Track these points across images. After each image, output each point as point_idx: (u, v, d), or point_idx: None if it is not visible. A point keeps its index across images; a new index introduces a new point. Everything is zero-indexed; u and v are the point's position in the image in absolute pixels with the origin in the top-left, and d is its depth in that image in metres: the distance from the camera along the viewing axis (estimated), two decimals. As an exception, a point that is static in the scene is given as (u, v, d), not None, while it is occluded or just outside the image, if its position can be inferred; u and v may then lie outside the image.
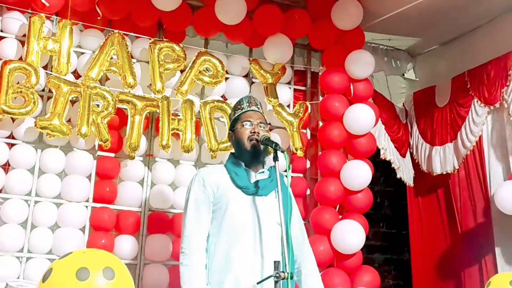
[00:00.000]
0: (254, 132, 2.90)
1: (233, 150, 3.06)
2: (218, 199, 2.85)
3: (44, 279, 1.78)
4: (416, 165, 5.47)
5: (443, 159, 5.15)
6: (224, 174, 2.92)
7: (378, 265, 6.03)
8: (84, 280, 1.73)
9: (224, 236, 2.80)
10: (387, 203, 6.39)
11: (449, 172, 5.10)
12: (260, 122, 2.95)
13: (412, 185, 5.45)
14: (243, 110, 3.00)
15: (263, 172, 2.92)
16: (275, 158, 2.76)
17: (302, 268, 2.96)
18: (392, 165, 5.23)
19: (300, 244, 2.99)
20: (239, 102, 3.06)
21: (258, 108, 3.02)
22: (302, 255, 2.99)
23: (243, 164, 2.93)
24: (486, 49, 4.83)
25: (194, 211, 2.84)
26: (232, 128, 3.02)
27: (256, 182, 2.87)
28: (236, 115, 3.02)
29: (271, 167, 2.96)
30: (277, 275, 2.50)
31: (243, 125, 2.94)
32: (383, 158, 5.16)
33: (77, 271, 1.74)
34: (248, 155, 2.91)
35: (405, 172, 5.38)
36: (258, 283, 2.67)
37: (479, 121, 4.79)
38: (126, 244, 4.03)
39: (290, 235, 2.66)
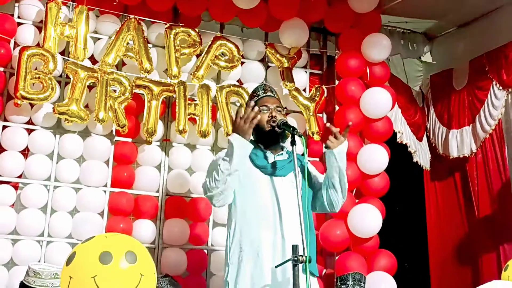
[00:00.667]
0: (272, 116, 2.92)
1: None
2: (240, 178, 2.85)
3: (68, 262, 1.80)
4: (433, 148, 5.45)
5: (460, 143, 5.12)
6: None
7: (393, 248, 6.02)
8: (107, 263, 1.75)
9: (244, 216, 2.83)
10: (403, 187, 6.35)
11: (466, 155, 5.07)
12: (277, 106, 2.97)
13: (428, 169, 5.43)
14: (259, 97, 3.03)
15: (281, 154, 2.93)
16: (293, 142, 2.78)
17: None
18: (409, 149, 5.20)
19: None
20: (254, 91, 3.09)
21: (274, 94, 3.04)
22: None
23: (262, 146, 2.95)
24: (505, 31, 4.76)
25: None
26: None
27: (274, 162, 2.89)
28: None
29: (290, 150, 2.97)
30: (295, 258, 2.51)
31: (260, 111, 2.94)
32: (400, 142, 5.14)
33: (100, 254, 1.76)
34: (266, 138, 2.93)
35: (421, 156, 5.36)
36: (276, 267, 2.69)
37: (499, 105, 4.75)
38: (144, 228, 4.07)
39: (308, 218, 2.67)
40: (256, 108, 2.73)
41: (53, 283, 2.99)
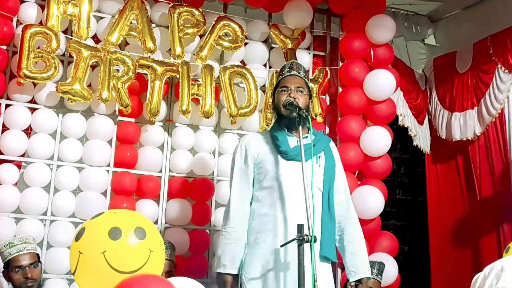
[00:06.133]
0: (290, 97, 2.91)
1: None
2: (259, 164, 2.92)
3: (77, 238, 1.81)
4: (434, 132, 5.44)
5: (463, 126, 5.11)
6: (267, 139, 2.98)
7: (393, 231, 6.04)
8: (117, 239, 1.76)
9: (265, 199, 2.88)
10: (403, 170, 6.37)
11: (469, 138, 5.07)
12: (298, 87, 2.94)
13: (428, 152, 5.43)
14: (283, 76, 3.01)
15: (307, 137, 2.86)
16: (299, 122, 2.78)
17: (344, 236, 2.96)
18: (409, 133, 5.20)
19: (345, 210, 2.99)
20: (281, 69, 3.08)
21: (299, 73, 2.99)
22: (345, 222, 2.98)
23: (285, 129, 2.95)
24: (510, 13, 4.71)
25: (239, 182, 2.95)
26: (274, 95, 3.04)
27: (296, 147, 2.87)
28: (277, 81, 3.05)
29: (320, 132, 3.04)
30: (301, 238, 2.52)
31: (279, 91, 2.96)
32: (401, 125, 5.13)
33: (109, 230, 1.77)
34: (285, 120, 2.93)
35: (422, 140, 5.36)
36: (281, 246, 2.72)
37: (504, 88, 4.72)
38: (147, 208, 4.09)
39: (328, 205, 2.73)
40: None
41: (25, 247, 3.18)
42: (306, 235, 2.53)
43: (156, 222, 4.11)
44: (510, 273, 1.36)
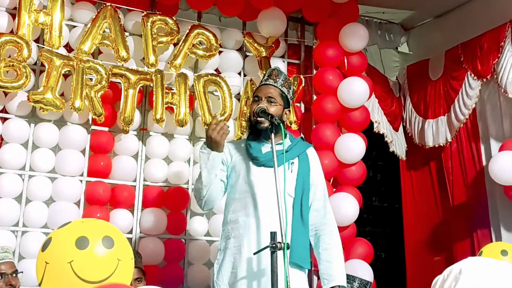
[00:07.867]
0: (259, 106, 2.91)
1: None
2: (232, 168, 2.93)
3: (44, 248, 1.78)
4: (409, 138, 5.50)
5: (435, 132, 5.18)
6: (241, 146, 2.99)
7: (370, 238, 6.07)
8: (84, 248, 1.73)
9: (236, 205, 2.88)
10: (379, 177, 6.41)
11: (441, 144, 5.13)
12: (269, 97, 2.91)
13: (404, 158, 5.48)
14: (259, 85, 3.03)
15: (280, 143, 2.84)
16: (271, 130, 2.78)
17: (320, 243, 2.95)
18: (385, 139, 5.24)
19: (322, 217, 2.98)
20: (263, 76, 3.08)
21: (275, 82, 2.95)
22: (321, 228, 2.96)
23: (259, 137, 2.94)
24: (480, 22, 4.82)
25: None
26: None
27: (267, 153, 2.87)
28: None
29: (297, 138, 3.05)
30: (274, 245, 2.52)
31: (252, 101, 3.00)
32: (377, 132, 5.17)
33: (76, 240, 1.74)
34: (255, 130, 2.93)
35: (397, 146, 5.41)
36: (254, 254, 2.71)
37: (473, 94, 4.81)
38: (121, 217, 4.05)
39: (301, 210, 2.79)
40: (222, 123, 2.77)
41: (7, 256, 3.15)
42: (279, 242, 2.52)
43: (130, 232, 4.08)
44: (468, 276, 1.38)
